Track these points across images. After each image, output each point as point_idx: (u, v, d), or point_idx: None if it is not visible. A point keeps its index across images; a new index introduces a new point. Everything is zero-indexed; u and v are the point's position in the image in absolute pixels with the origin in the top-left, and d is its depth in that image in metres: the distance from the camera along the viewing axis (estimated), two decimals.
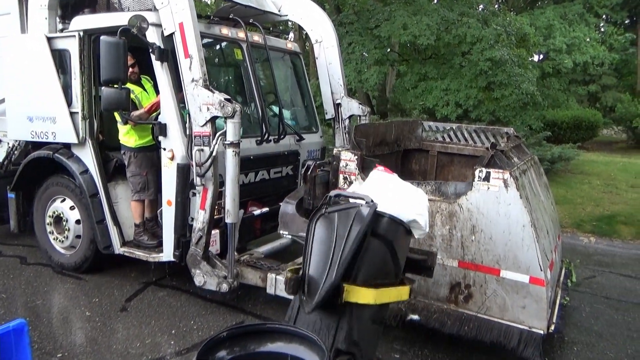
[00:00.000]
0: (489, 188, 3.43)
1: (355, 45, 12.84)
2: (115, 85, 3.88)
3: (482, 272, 3.51)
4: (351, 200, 2.73)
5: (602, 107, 21.96)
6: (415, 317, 3.61)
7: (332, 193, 2.84)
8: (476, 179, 3.48)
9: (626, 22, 25.71)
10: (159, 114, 4.31)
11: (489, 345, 3.43)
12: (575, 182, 10.27)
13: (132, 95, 4.48)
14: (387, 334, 3.87)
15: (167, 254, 4.34)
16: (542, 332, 3.33)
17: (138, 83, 4.73)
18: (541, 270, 3.30)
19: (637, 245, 7.08)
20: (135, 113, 4.45)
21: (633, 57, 23.42)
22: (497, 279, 3.47)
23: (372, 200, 2.61)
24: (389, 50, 13.83)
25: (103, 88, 3.97)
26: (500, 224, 3.41)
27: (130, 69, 4.50)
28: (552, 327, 3.44)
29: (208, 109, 3.79)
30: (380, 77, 13.37)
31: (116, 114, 4.51)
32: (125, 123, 4.52)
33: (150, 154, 4.64)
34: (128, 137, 4.64)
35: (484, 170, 3.45)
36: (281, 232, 4.18)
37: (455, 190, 3.64)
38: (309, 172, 4.13)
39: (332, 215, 2.68)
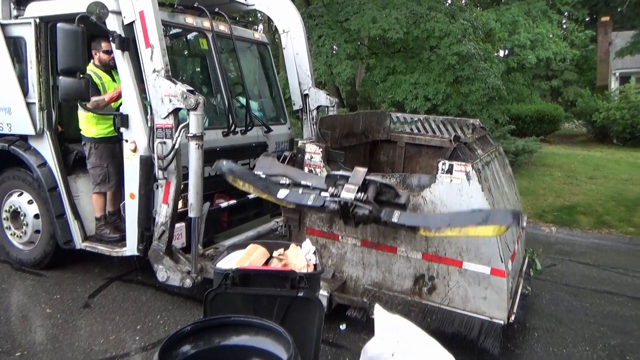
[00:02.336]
0: (451, 180, 3.48)
1: (326, 38, 12.81)
2: (74, 76, 3.74)
3: (446, 264, 3.58)
4: None
5: (564, 102, 22.67)
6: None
7: None
8: (439, 171, 3.52)
9: (587, 19, 26.58)
10: (120, 104, 4.19)
11: (451, 337, 3.50)
12: (537, 174, 10.57)
13: (97, 81, 4.38)
14: (353, 326, 3.90)
15: (131, 248, 4.24)
16: (502, 322, 3.42)
17: (109, 72, 4.57)
18: (502, 261, 3.38)
19: (595, 235, 7.35)
20: (94, 98, 4.29)
21: (593, 54, 24.21)
22: (460, 270, 3.53)
23: None
24: (359, 44, 13.85)
25: (61, 78, 3.83)
26: None
27: (107, 55, 4.42)
28: (513, 317, 3.53)
29: (170, 100, 3.71)
30: (352, 71, 13.40)
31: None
32: (88, 111, 4.37)
33: (112, 145, 4.51)
34: (88, 126, 4.48)
35: (447, 162, 3.50)
36: (255, 171, 4.04)
37: (420, 182, 3.68)
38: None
39: None
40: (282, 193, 3.53)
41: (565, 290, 5.06)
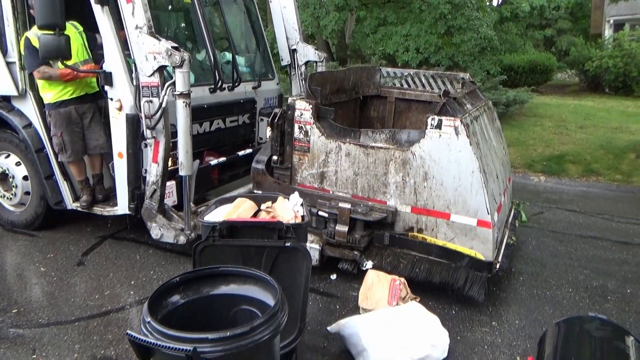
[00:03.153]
0: (440, 135, 3.49)
1: None
2: (53, 32, 3.62)
3: (434, 216, 3.64)
4: None
5: (557, 51, 22.36)
6: (370, 264, 3.74)
7: None
8: (428, 126, 3.53)
9: None
10: (104, 62, 4.07)
11: (438, 285, 3.61)
12: (528, 125, 10.59)
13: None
14: (343, 277, 4.01)
15: (122, 207, 4.26)
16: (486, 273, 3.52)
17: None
18: (488, 213, 3.44)
19: (583, 182, 7.48)
20: (45, 69, 4.03)
21: (587, 1, 23.68)
22: (448, 222, 3.61)
23: None
24: None
25: (40, 34, 3.71)
26: (451, 170, 3.51)
27: None
28: (498, 266, 3.64)
29: (155, 57, 3.62)
30: (340, 23, 13.06)
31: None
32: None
33: (67, 110, 4.23)
34: (44, 91, 4.19)
35: (436, 118, 3.50)
36: (255, 191, 4.25)
37: (409, 138, 3.69)
38: (275, 120, 4.10)
39: None
40: None
41: (551, 237, 5.20)
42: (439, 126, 3.51)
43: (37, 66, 4.01)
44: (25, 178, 4.76)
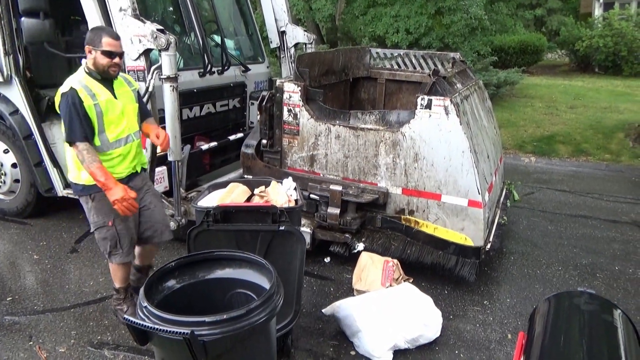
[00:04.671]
0: (430, 115, 3.49)
1: None
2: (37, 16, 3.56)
3: (425, 198, 3.66)
4: None
5: (548, 32, 22.29)
6: (361, 246, 3.76)
7: None
8: (418, 106, 3.52)
9: None
10: None
11: (430, 266, 3.65)
12: (519, 106, 10.62)
13: (89, 103, 2.77)
14: (337, 259, 4.04)
15: None
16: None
17: (109, 85, 2.96)
18: (479, 193, 3.46)
19: (572, 162, 7.55)
20: (84, 148, 2.74)
21: None
22: (439, 203, 3.63)
23: None
24: None
25: (23, 19, 3.64)
26: (441, 151, 3.51)
27: (109, 59, 2.80)
28: (489, 246, 3.68)
29: (140, 40, 3.57)
30: (332, 7, 12.93)
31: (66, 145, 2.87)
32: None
33: None
34: (77, 170, 2.92)
35: (426, 97, 3.49)
36: (245, 176, 4.23)
37: (399, 118, 3.68)
38: (263, 103, 4.07)
39: None
40: None
41: (541, 217, 5.26)
42: (428, 106, 3.50)
43: (80, 139, 2.74)
44: (14, 166, 4.72)
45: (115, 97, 2.89)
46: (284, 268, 2.55)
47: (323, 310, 3.22)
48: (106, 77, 2.86)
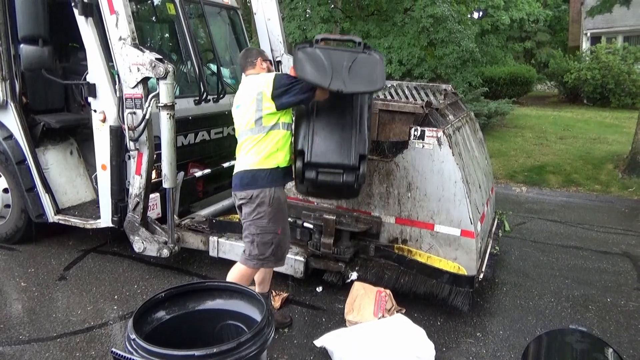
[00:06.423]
0: (423, 146, 3.54)
1: (299, 1, 12.56)
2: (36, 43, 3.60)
3: (418, 227, 3.68)
4: None
5: (537, 63, 22.84)
6: (354, 275, 3.75)
7: None
8: (411, 137, 3.57)
9: None
10: (87, 73, 4.06)
11: (423, 295, 3.63)
12: (509, 136, 10.78)
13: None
14: (329, 289, 4.01)
15: (105, 219, 4.21)
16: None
17: None
18: (471, 223, 3.49)
19: (563, 193, 7.62)
20: None
21: (565, 14, 24.32)
22: (432, 233, 3.64)
23: None
24: (332, 6, 13.62)
25: (22, 46, 3.68)
26: (434, 181, 3.55)
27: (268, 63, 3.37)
28: (481, 276, 3.68)
29: (138, 69, 3.61)
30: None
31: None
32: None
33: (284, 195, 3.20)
34: (273, 153, 3.04)
35: (419, 128, 3.55)
36: None
37: (392, 148, 3.72)
38: None
39: None
40: None
41: (533, 247, 5.27)
42: (421, 137, 3.56)
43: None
44: (5, 191, 4.68)
45: None
46: None
47: (315, 342, 3.17)
48: None
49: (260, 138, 2.99)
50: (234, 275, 3.15)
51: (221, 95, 4.99)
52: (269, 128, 2.98)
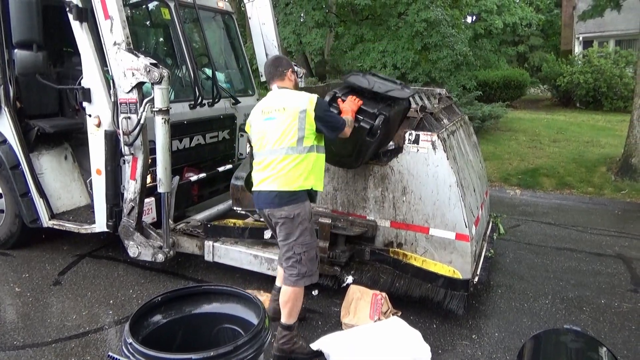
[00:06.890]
0: (418, 150, 3.56)
1: (293, 6, 12.60)
2: (30, 48, 3.60)
3: (413, 231, 3.69)
4: None
5: (530, 67, 23.00)
6: (350, 279, 3.75)
7: None
8: (406, 141, 3.59)
9: None
10: (82, 78, 4.05)
11: (418, 299, 3.64)
12: (503, 139, 10.83)
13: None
14: (324, 292, 4.01)
15: (100, 224, 4.21)
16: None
17: None
18: (466, 226, 3.50)
19: (557, 195, 7.67)
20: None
21: (557, 18, 24.51)
22: (427, 236, 3.65)
23: None
24: (327, 11, 13.67)
25: (16, 51, 3.68)
26: (429, 185, 3.57)
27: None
28: (477, 279, 3.70)
29: (133, 74, 3.62)
30: (322, 40, 13.27)
31: None
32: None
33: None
34: (307, 175, 3.00)
35: (414, 133, 3.57)
36: (234, 208, 4.22)
37: (387, 152, 3.74)
38: None
39: None
40: None
41: (527, 249, 5.30)
42: (416, 141, 3.58)
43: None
44: None
45: None
46: None
47: (311, 345, 3.18)
48: None
49: (302, 158, 2.94)
50: (288, 299, 3.05)
51: (216, 100, 4.99)
52: (308, 149, 2.95)
